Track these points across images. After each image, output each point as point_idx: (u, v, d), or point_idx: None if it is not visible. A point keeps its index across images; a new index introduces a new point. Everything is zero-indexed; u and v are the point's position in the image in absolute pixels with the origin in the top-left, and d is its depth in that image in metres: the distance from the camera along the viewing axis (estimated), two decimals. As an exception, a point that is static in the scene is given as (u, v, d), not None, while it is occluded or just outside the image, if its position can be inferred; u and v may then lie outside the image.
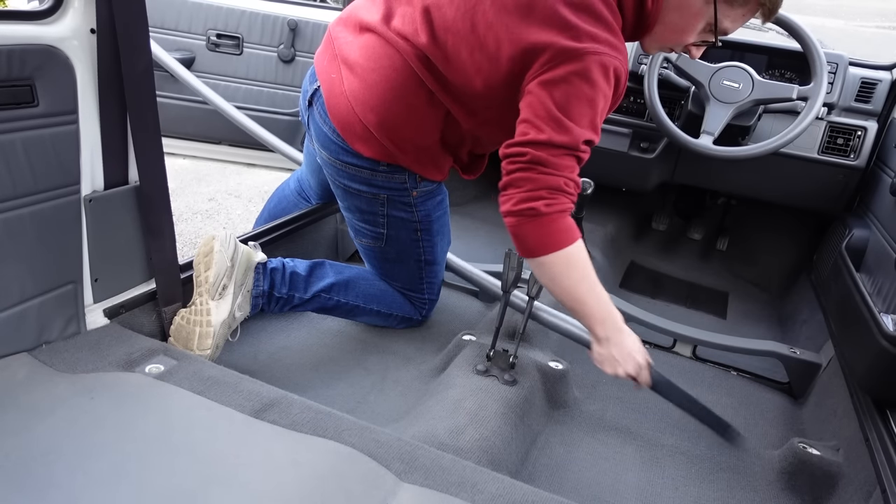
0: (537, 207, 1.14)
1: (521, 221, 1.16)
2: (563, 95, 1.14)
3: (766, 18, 1.29)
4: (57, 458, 0.86)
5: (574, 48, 1.13)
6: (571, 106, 1.14)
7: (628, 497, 1.25)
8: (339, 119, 1.37)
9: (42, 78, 1.03)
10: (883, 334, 1.27)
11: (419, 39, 1.27)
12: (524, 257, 1.22)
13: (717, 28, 1.24)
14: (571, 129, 1.14)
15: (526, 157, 1.14)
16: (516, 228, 1.18)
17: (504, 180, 1.18)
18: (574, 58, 1.14)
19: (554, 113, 1.14)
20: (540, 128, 1.14)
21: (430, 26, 1.26)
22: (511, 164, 1.17)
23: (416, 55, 1.28)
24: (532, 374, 1.45)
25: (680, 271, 2.49)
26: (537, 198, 1.14)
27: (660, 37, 1.29)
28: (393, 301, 1.64)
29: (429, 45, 1.26)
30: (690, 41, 1.28)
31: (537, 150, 1.14)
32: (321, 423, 1.02)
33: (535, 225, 1.16)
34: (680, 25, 1.25)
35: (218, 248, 1.34)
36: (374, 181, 1.43)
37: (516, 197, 1.16)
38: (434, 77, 1.29)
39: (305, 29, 2.45)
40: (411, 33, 1.28)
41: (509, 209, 1.17)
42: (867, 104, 2.01)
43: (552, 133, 1.13)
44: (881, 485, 1.15)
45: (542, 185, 1.14)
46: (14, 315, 1.06)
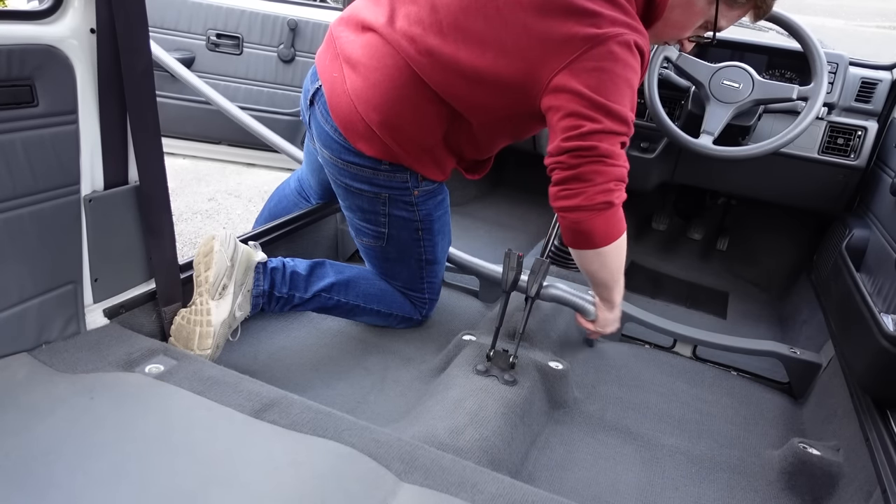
0: (613, 201, 1.16)
1: (592, 216, 1.17)
2: (601, 82, 1.14)
3: (756, 18, 1.34)
4: (57, 458, 0.86)
5: (598, 34, 1.14)
6: (612, 91, 1.15)
7: (628, 497, 1.25)
8: (342, 118, 1.37)
9: (42, 78, 1.03)
10: (883, 334, 1.27)
11: (427, 40, 1.27)
12: (581, 249, 1.24)
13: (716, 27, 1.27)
14: (624, 114, 1.15)
15: (596, 151, 1.14)
16: (586, 223, 1.18)
17: (568, 174, 1.17)
18: (600, 43, 1.14)
19: (599, 101, 1.14)
20: (594, 118, 1.14)
21: (439, 26, 1.26)
22: (577, 158, 1.15)
23: (420, 57, 1.28)
24: (532, 374, 1.45)
25: (680, 271, 2.49)
26: (610, 190, 1.15)
27: (660, 31, 1.32)
28: (393, 301, 1.64)
29: (438, 45, 1.26)
30: (687, 36, 1.33)
31: (603, 143, 1.14)
32: (321, 423, 1.02)
33: (605, 217, 1.17)
34: (681, 22, 1.28)
35: (218, 248, 1.34)
36: (376, 180, 1.43)
37: (589, 191, 1.15)
38: (440, 78, 1.28)
39: (305, 29, 2.45)
40: (419, 34, 1.28)
41: (579, 204, 1.16)
42: (867, 104, 2.01)
43: (609, 122, 1.14)
44: (881, 485, 1.15)
45: (612, 178, 1.16)
46: (14, 315, 1.06)
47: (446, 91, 1.30)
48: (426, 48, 1.27)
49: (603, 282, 1.34)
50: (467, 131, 1.38)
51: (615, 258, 1.27)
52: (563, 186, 1.19)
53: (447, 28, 1.26)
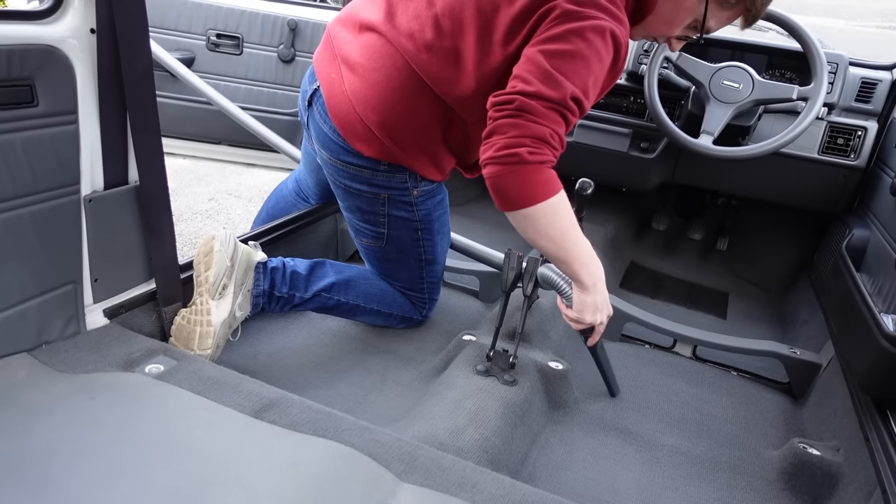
0: (521, 154, 1.10)
1: (501, 171, 1.12)
2: (557, 51, 1.13)
3: (746, 24, 1.32)
4: (57, 458, 0.86)
5: (575, 10, 1.14)
6: (564, 62, 1.13)
7: (628, 497, 1.25)
8: (340, 119, 1.37)
9: (42, 78, 1.03)
10: (883, 334, 1.27)
11: (425, 35, 1.27)
12: (505, 211, 1.18)
13: (704, 25, 1.26)
14: (561, 83, 1.12)
15: (513, 105, 1.12)
16: (497, 179, 1.14)
17: (488, 128, 1.15)
18: (573, 18, 1.14)
19: (545, 67, 1.12)
20: (529, 81, 1.13)
21: (435, 19, 1.27)
22: (497, 112, 1.14)
23: (419, 54, 1.28)
24: (532, 374, 1.45)
25: (680, 271, 2.49)
26: (521, 144, 1.11)
27: (649, 26, 1.31)
28: (393, 301, 1.64)
29: (434, 39, 1.26)
30: (675, 34, 1.31)
31: (526, 99, 1.12)
32: (321, 423, 1.02)
33: (517, 174, 1.12)
34: (670, 17, 1.28)
35: (218, 248, 1.34)
36: (375, 181, 1.43)
37: (499, 143, 1.12)
38: (438, 73, 1.29)
39: (305, 29, 2.45)
40: (418, 29, 1.28)
41: (490, 156, 1.13)
42: (867, 104, 2.01)
43: (541, 86, 1.12)
44: (881, 485, 1.15)
45: (527, 133, 1.11)
46: (14, 315, 1.06)
47: (445, 87, 1.30)
48: (425, 43, 1.28)
49: (552, 254, 1.23)
50: (464, 130, 1.38)
51: (547, 222, 1.17)
52: (483, 141, 1.16)
53: (443, 21, 1.26)
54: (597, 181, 1.82)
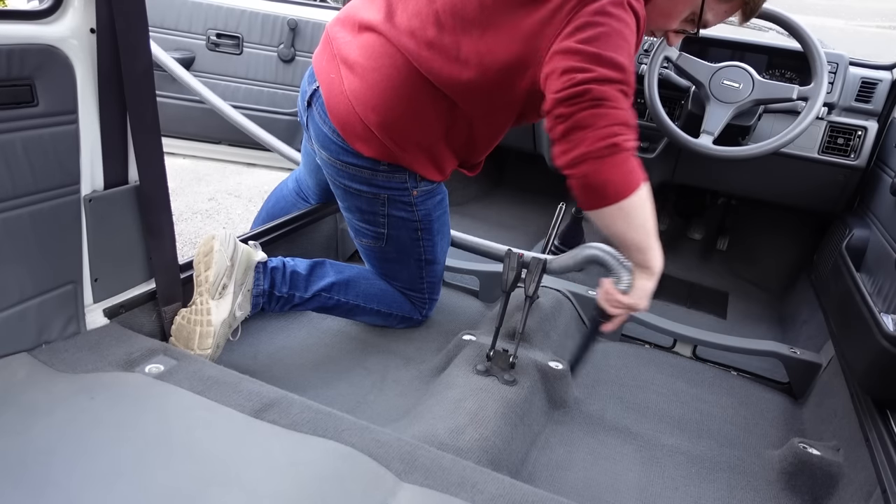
0: (619, 143, 1.07)
1: (600, 165, 1.08)
2: (594, 36, 1.11)
3: (744, 18, 1.31)
4: (57, 458, 0.86)
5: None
6: (604, 42, 1.11)
7: (628, 497, 1.25)
8: (340, 119, 1.37)
9: (42, 78, 1.03)
10: (883, 334, 1.27)
11: (427, 32, 1.27)
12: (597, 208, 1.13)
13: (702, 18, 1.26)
14: (618, 61, 1.10)
15: (590, 95, 1.08)
16: (595, 175, 1.09)
17: (564, 126, 1.10)
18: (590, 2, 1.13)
19: (593, 52, 1.10)
20: (587, 69, 1.09)
21: (436, 16, 1.26)
22: (571, 107, 1.09)
23: (421, 51, 1.28)
24: (532, 374, 1.45)
25: (680, 271, 2.48)
26: (615, 134, 1.07)
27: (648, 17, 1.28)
28: (393, 300, 1.64)
29: (437, 36, 1.26)
30: (672, 28, 1.30)
31: (599, 86, 1.08)
32: (321, 423, 1.02)
33: (617, 164, 1.08)
34: (667, 9, 1.27)
35: (218, 248, 1.34)
36: (375, 181, 1.43)
37: (591, 136, 1.07)
38: (441, 70, 1.28)
39: (305, 29, 2.45)
40: (418, 27, 1.28)
41: (584, 151, 1.08)
42: (867, 104, 2.01)
43: (601, 69, 1.09)
44: (881, 485, 1.15)
45: (615, 121, 1.08)
46: (14, 315, 1.06)
47: (449, 83, 1.29)
48: (426, 41, 1.28)
49: (636, 243, 1.18)
50: (467, 127, 1.38)
51: (640, 212, 1.14)
52: (563, 140, 1.11)
53: (444, 17, 1.26)
54: (597, 181, 1.82)
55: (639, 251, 1.21)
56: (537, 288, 1.45)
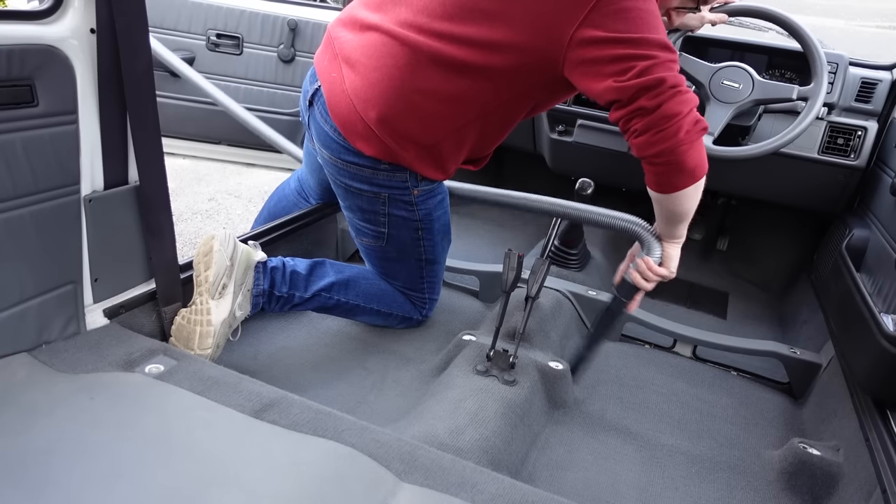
0: (701, 121, 1.13)
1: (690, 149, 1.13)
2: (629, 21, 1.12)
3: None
4: (57, 458, 0.86)
5: None
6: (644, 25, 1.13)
7: (628, 497, 1.25)
8: (341, 118, 1.37)
9: (42, 78, 1.03)
10: (883, 334, 1.27)
11: (434, 26, 1.26)
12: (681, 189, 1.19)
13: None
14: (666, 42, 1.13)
15: (667, 83, 1.10)
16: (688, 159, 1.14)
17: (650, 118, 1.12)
18: None
19: (638, 37, 1.11)
20: (643, 55, 1.11)
21: (444, 9, 1.26)
22: (653, 98, 1.11)
23: (433, 43, 1.27)
24: (532, 374, 1.45)
25: (680, 271, 2.48)
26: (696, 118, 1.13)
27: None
28: (393, 300, 1.64)
29: (448, 28, 1.26)
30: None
31: (667, 73, 1.10)
32: (321, 423, 1.02)
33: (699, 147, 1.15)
34: None
35: (217, 248, 1.34)
36: (376, 180, 1.43)
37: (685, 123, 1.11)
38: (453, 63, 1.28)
39: (305, 29, 2.45)
40: (425, 22, 1.27)
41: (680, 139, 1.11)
42: (867, 104, 2.01)
43: (659, 52, 1.11)
44: (881, 485, 1.15)
45: (693, 104, 1.14)
46: (14, 315, 1.06)
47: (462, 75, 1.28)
48: (436, 33, 1.27)
49: (685, 214, 1.26)
50: (466, 125, 1.36)
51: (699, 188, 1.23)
52: (650, 132, 1.12)
53: (453, 10, 1.25)
54: (597, 181, 1.82)
55: (684, 224, 1.29)
56: (540, 289, 1.45)
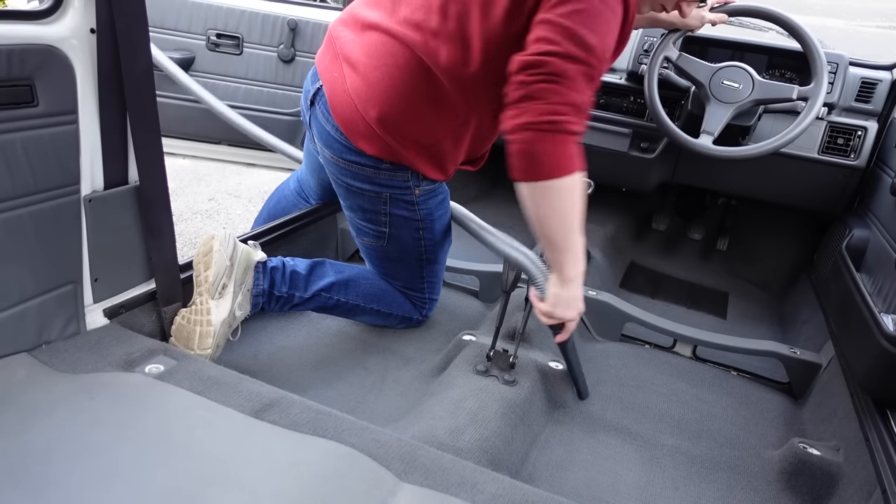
0: (562, 122, 1.08)
1: (538, 137, 1.09)
2: (573, 11, 1.11)
3: None
4: (57, 458, 0.86)
5: None
6: (584, 20, 1.11)
7: (628, 497, 1.25)
8: (342, 117, 1.37)
9: (42, 78, 1.03)
10: (883, 334, 1.27)
11: (431, 23, 1.27)
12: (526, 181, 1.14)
13: None
14: (587, 40, 1.10)
15: (548, 69, 1.09)
16: (531, 145, 1.11)
17: (520, 92, 1.11)
18: None
19: (566, 26, 1.10)
20: (555, 41, 1.10)
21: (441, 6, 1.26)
22: (529, 76, 1.10)
23: (427, 42, 1.27)
24: (532, 374, 1.45)
25: (680, 271, 2.49)
26: (562, 112, 1.08)
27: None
28: (393, 300, 1.64)
29: (441, 25, 1.26)
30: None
31: (560, 61, 1.09)
32: (321, 423, 1.02)
33: (554, 142, 1.09)
34: None
35: (217, 248, 1.34)
36: (377, 179, 1.43)
37: (537, 108, 1.09)
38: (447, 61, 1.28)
39: (305, 29, 2.45)
40: (423, 19, 1.28)
41: (528, 121, 1.09)
42: (867, 104, 2.01)
43: (571, 47, 1.09)
44: (881, 485, 1.15)
45: (567, 101, 1.09)
46: (14, 315, 1.06)
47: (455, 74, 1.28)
48: (432, 30, 1.27)
49: (553, 236, 1.19)
50: (465, 122, 1.37)
51: (565, 199, 1.14)
52: (514, 105, 1.12)
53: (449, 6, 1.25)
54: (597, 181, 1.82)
55: (556, 249, 1.21)
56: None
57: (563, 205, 1.15)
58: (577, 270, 1.23)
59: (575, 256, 1.22)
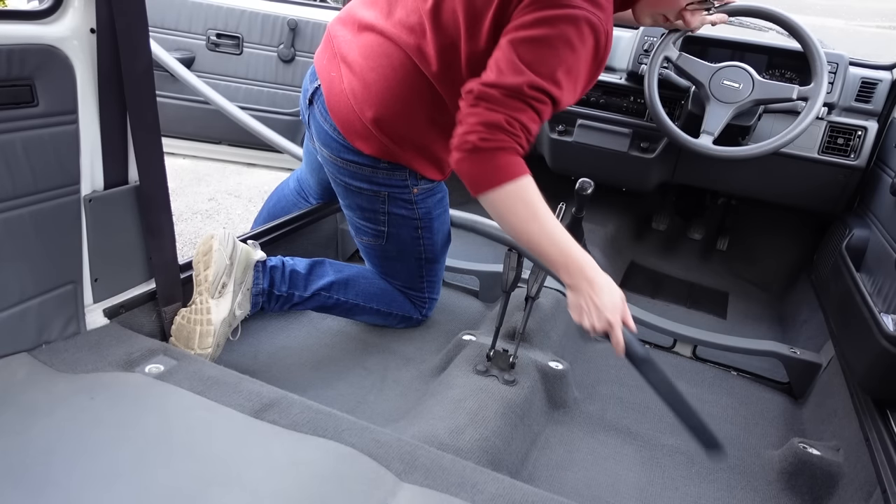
0: (472, 141, 1.12)
1: (460, 157, 1.15)
2: (525, 39, 1.13)
3: None
4: (57, 458, 0.86)
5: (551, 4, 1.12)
6: (531, 50, 1.12)
7: (628, 497, 1.25)
8: (340, 117, 1.37)
9: (42, 78, 1.02)
10: (883, 334, 1.27)
11: (423, 29, 1.27)
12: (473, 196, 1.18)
13: None
14: (522, 71, 1.12)
15: (473, 94, 1.14)
16: (457, 164, 1.16)
17: (456, 118, 1.17)
18: (545, 6, 1.13)
19: (510, 56, 1.13)
20: (492, 69, 1.14)
21: (431, 13, 1.26)
22: (461, 102, 1.16)
23: (419, 48, 1.28)
24: (532, 374, 1.45)
25: (680, 271, 2.49)
26: (474, 132, 1.12)
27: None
28: (393, 300, 1.64)
29: (434, 32, 1.26)
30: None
31: (484, 88, 1.13)
32: (321, 423, 1.02)
33: (473, 161, 1.14)
34: None
35: (217, 247, 1.34)
36: (375, 178, 1.43)
37: (459, 131, 1.15)
38: (437, 70, 1.28)
39: (305, 29, 2.45)
40: (416, 23, 1.28)
41: (453, 143, 1.16)
42: (867, 104, 2.01)
43: (501, 75, 1.12)
44: (881, 485, 1.15)
45: (481, 121, 1.12)
46: (14, 315, 1.06)
47: (445, 83, 1.29)
48: (423, 37, 1.27)
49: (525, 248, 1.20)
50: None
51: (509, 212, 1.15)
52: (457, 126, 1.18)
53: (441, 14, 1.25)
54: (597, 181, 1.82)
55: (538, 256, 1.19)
56: (540, 289, 1.45)
57: (508, 213, 1.16)
58: (572, 278, 1.17)
59: (557, 265, 1.17)
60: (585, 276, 1.16)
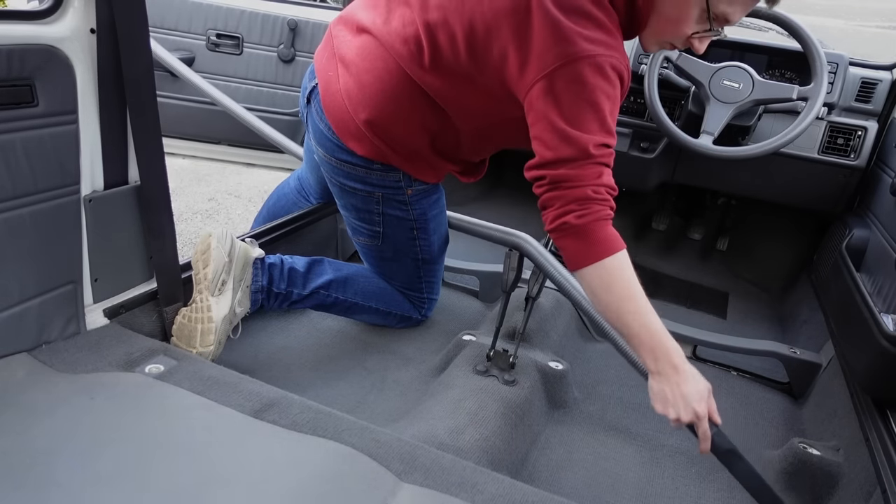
0: (569, 221, 1.14)
1: (558, 237, 1.18)
2: (565, 104, 1.13)
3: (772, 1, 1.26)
4: (57, 458, 0.86)
5: (568, 53, 1.12)
6: (574, 114, 1.13)
7: (628, 497, 1.25)
8: (334, 116, 1.37)
9: (42, 78, 1.03)
10: (883, 334, 1.27)
11: (416, 41, 1.27)
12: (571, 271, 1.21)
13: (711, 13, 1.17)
14: (578, 139, 1.13)
15: (546, 180, 1.16)
16: (558, 243, 1.19)
17: (539, 202, 1.20)
18: (570, 62, 1.12)
19: (559, 126, 1.13)
20: (548, 145, 1.15)
21: (428, 28, 1.26)
22: (538, 188, 1.19)
23: (412, 59, 1.28)
24: (532, 374, 1.45)
25: (680, 271, 2.48)
26: (568, 212, 1.15)
27: (656, 30, 1.25)
28: (392, 299, 1.64)
29: (428, 48, 1.26)
30: (689, 32, 1.22)
31: (553, 170, 1.15)
32: (321, 423, 1.02)
33: (574, 238, 1.16)
34: (674, 15, 1.20)
35: (215, 245, 1.35)
36: (369, 179, 1.43)
37: (550, 215, 1.17)
38: (431, 81, 1.28)
39: (305, 29, 2.45)
40: (412, 35, 1.28)
41: (548, 228, 1.18)
42: (867, 104, 2.01)
43: (560, 150, 1.14)
44: (881, 485, 1.15)
45: (569, 200, 1.15)
46: (14, 315, 1.06)
47: (438, 93, 1.29)
48: (416, 49, 1.27)
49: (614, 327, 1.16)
50: (455, 137, 1.38)
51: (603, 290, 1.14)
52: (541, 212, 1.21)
53: (437, 30, 1.24)
54: (597, 181, 1.81)
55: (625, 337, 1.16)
56: (540, 289, 1.45)
57: (602, 290, 1.15)
58: (658, 365, 1.12)
59: (644, 348, 1.13)
60: (672, 363, 1.12)
